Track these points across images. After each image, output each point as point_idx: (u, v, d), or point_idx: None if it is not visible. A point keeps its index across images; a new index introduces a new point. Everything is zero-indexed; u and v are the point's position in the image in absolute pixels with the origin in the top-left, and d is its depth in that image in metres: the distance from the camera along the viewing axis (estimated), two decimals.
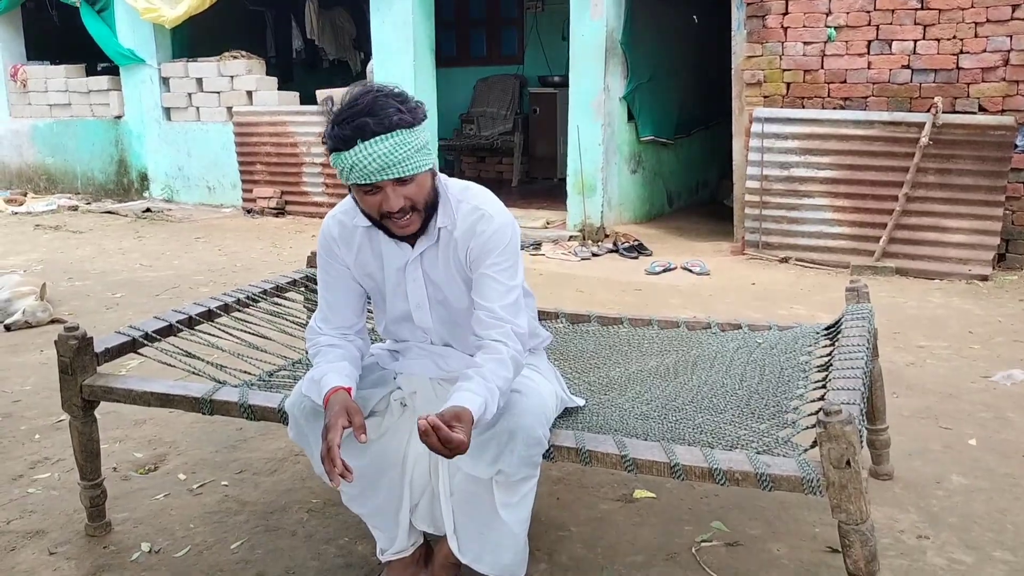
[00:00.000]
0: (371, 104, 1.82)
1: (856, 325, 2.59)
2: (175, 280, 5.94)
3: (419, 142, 1.86)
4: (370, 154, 1.81)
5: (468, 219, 2.02)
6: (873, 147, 5.94)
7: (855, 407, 1.98)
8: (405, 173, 1.84)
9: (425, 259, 2.07)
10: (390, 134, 1.81)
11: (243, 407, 2.32)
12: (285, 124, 8.68)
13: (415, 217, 1.94)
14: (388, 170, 1.82)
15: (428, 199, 1.94)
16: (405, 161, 1.83)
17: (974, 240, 5.75)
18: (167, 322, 2.77)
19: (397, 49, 7.89)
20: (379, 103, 1.82)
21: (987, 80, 5.72)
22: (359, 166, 1.82)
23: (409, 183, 1.88)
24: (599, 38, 6.90)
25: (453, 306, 2.11)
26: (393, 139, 1.81)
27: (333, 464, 1.83)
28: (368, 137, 1.80)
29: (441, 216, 2.01)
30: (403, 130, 1.82)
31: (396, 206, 1.88)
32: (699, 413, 2.25)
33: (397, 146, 1.81)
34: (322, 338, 2.14)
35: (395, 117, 1.81)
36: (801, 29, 6.16)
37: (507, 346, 1.96)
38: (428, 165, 1.90)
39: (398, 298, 2.12)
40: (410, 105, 1.86)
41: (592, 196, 7.09)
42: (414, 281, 2.08)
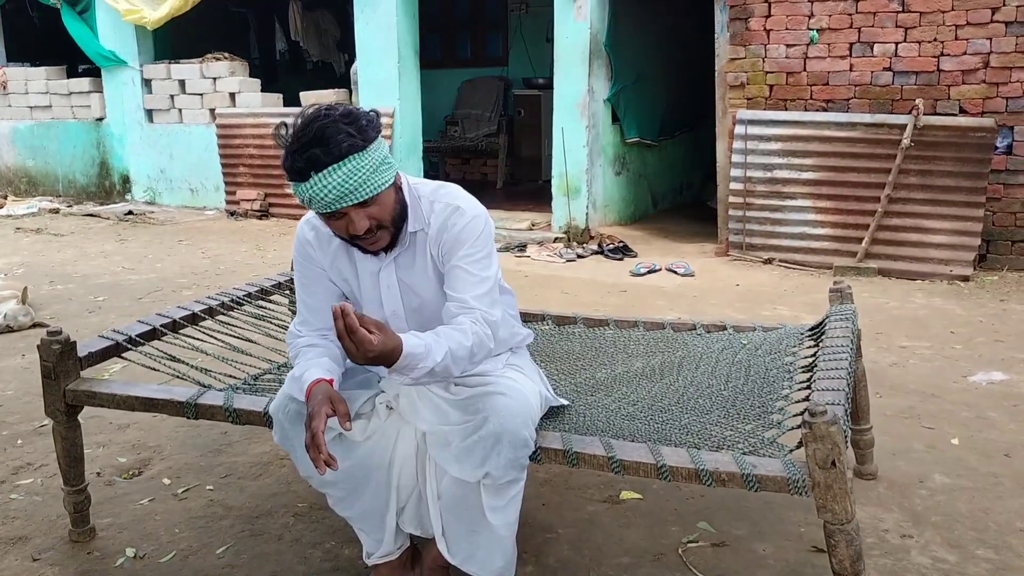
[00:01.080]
0: (320, 133, 1.78)
1: (840, 326, 2.61)
2: (158, 283, 5.91)
3: (374, 162, 1.83)
4: (325, 186, 1.78)
5: (441, 216, 2.01)
6: (855, 149, 5.99)
7: (839, 407, 1.99)
8: (364, 197, 1.82)
9: (399, 263, 2.06)
10: (342, 163, 1.78)
11: (228, 411, 2.30)
12: (269, 126, 8.61)
13: (383, 234, 1.93)
14: (346, 198, 1.81)
15: (394, 213, 1.93)
16: (362, 186, 1.81)
17: (955, 241, 5.80)
18: (151, 326, 2.75)
19: (381, 51, 7.88)
20: (328, 131, 1.78)
21: (967, 82, 5.78)
22: (317, 198, 1.80)
23: (372, 204, 1.86)
24: (583, 40, 6.92)
25: (429, 311, 2.09)
26: (346, 167, 1.78)
27: (319, 451, 1.82)
28: (320, 169, 1.77)
29: (412, 221, 2.00)
30: (355, 155, 1.79)
31: (362, 228, 1.87)
32: (685, 414, 2.26)
33: (351, 173, 1.79)
34: (301, 340, 2.13)
35: (345, 144, 1.78)
36: (784, 31, 6.20)
37: (474, 324, 1.94)
38: (388, 182, 1.87)
39: (373, 305, 2.10)
40: (360, 125, 1.82)
41: (577, 198, 7.11)
42: (388, 288, 2.07)
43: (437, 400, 2.04)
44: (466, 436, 1.93)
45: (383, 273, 2.05)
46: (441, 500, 2.05)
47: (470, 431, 1.93)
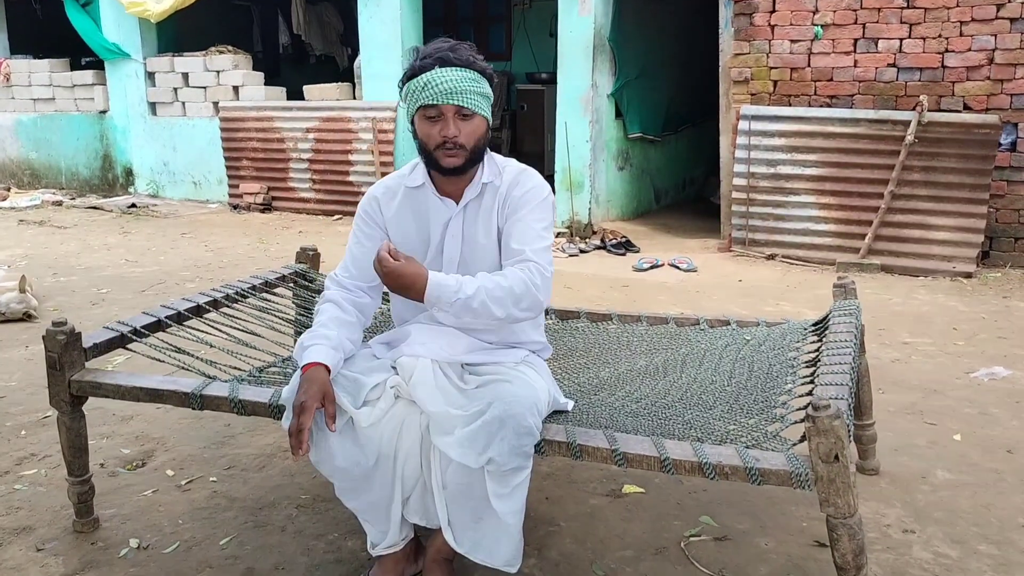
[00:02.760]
0: (454, 45, 2.07)
1: (843, 321, 2.61)
2: (161, 276, 5.91)
3: (484, 90, 2.07)
4: (444, 77, 2.01)
5: (511, 174, 2.20)
6: (859, 145, 5.98)
7: (843, 402, 1.99)
8: (467, 103, 2.03)
9: (467, 214, 2.19)
10: (464, 68, 2.03)
11: (233, 402, 2.31)
12: (272, 119, 8.65)
13: (461, 153, 2.08)
14: (454, 95, 2.01)
15: (478, 144, 2.10)
16: (470, 94, 2.03)
17: (958, 238, 5.80)
18: (155, 318, 2.75)
19: (385, 44, 7.88)
20: (460, 47, 2.07)
21: (972, 79, 5.77)
22: (431, 84, 2.01)
23: (468, 119, 2.06)
24: (587, 35, 6.91)
25: (483, 263, 2.17)
26: (465, 73, 2.03)
27: (300, 444, 1.93)
28: (446, 65, 2.02)
29: (487, 172, 2.18)
30: (475, 72, 2.05)
31: (449, 134, 2.04)
32: (689, 409, 2.26)
33: (466, 80, 2.02)
34: (330, 292, 2.27)
35: (471, 58, 2.06)
36: (788, 27, 6.19)
37: (521, 271, 2.04)
38: (487, 112, 2.09)
39: (435, 256, 2.21)
40: (483, 61, 2.09)
41: (580, 193, 7.10)
42: (452, 237, 2.19)
43: (447, 386, 2.05)
44: (470, 421, 1.95)
45: (453, 222, 2.19)
46: (446, 490, 2.05)
47: (474, 416, 1.95)
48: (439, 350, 2.15)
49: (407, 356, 2.14)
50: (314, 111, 8.46)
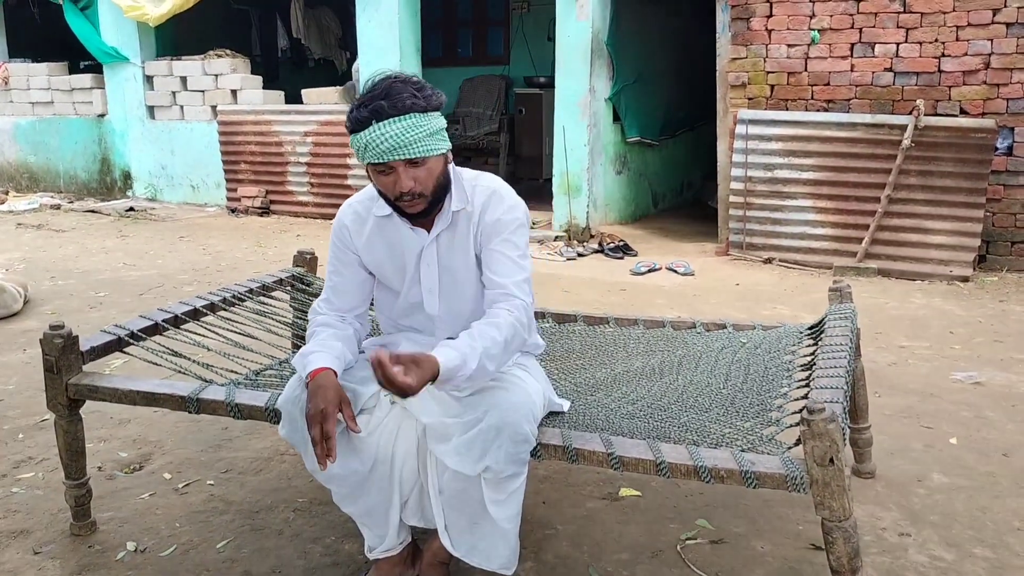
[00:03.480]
0: (387, 89, 1.93)
1: (839, 325, 2.62)
2: (159, 279, 5.92)
3: (432, 127, 1.94)
4: (383, 134, 1.90)
5: (482, 198, 2.10)
6: (856, 149, 6.00)
7: (838, 405, 2.00)
8: (415, 155, 1.92)
9: (441, 243, 2.13)
10: (402, 116, 1.90)
11: (230, 406, 2.31)
12: (270, 123, 8.65)
13: (420, 200, 2.00)
14: (399, 150, 1.91)
15: (437, 183, 2.01)
16: (416, 143, 1.92)
17: (955, 242, 5.81)
18: (153, 321, 2.76)
19: (383, 49, 7.89)
20: (395, 88, 1.93)
21: (968, 83, 5.79)
22: (372, 145, 1.92)
23: (420, 165, 1.96)
24: (585, 39, 6.92)
25: (463, 290, 2.15)
26: (405, 121, 1.90)
27: (328, 452, 1.90)
28: (382, 118, 1.90)
29: (456, 200, 2.09)
30: (416, 114, 1.92)
31: (406, 187, 1.96)
32: (685, 412, 2.27)
33: (408, 128, 1.91)
34: (320, 317, 2.21)
35: (408, 101, 1.91)
36: (785, 32, 6.21)
37: (510, 313, 2.01)
38: (440, 150, 1.97)
39: (412, 285, 2.17)
40: (426, 92, 1.96)
41: (578, 197, 7.11)
42: (428, 267, 2.14)
43: (441, 395, 2.05)
44: (467, 429, 1.95)
45: (426, 252, 2.13)
46: (443, 495, 2.06)
47: (471, 424, 1.95)
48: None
49: None
50: (312, 115, 8.47)
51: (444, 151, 1.99)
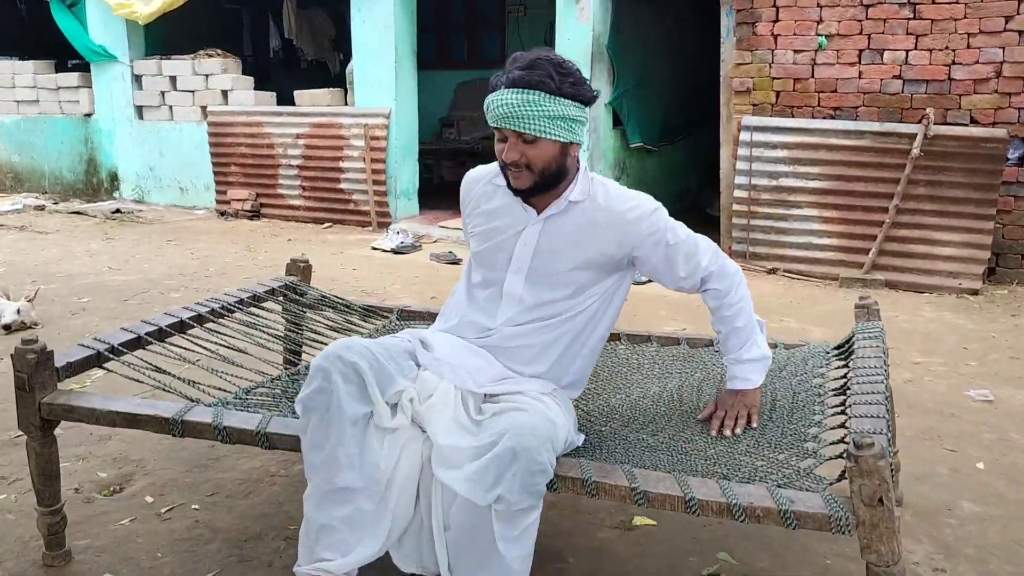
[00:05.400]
0: (531, 62, 1.95)
1: (870, 345, 2.46)
2: (145, 285, 5.72)
3: (555, 111, 1.94)
4: (503, 100, 1.93)
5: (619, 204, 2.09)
6: (863, 158, 5.86)
7: (883, 437, 1.84)
8: (524, 129, 1.93)
9: (547, 227, 2.10)
10: (526, 90, 1.92)
11: (218, 429, 2.14)
12: (261, 125, 8.46)
13: (527, 176, 2.01)
14: (510, 120, 1.93)
15: (547, 167, 2.00)
16: (529, 118, 1.92)
17: (964, 253, 5.67)
18: (135, 334, 2.58)
19: (378, 50, 7.72)
20: (538, 64, 1.95)
21: (979, 92, 5.65)
22: (491, 107, 1.96)
23: (531, 143, 1.96)
24: (585, 42, 6.77)
25: (549, 283, 2.10)
26: (527, 95, 1.92)
27: None
28: (509, 86, 1.94)
29: (577, 191, 2.08)
30: (542, 93, 1.92)
31: (510, 158, 1.98)
32: (711, 444, 2.10)
33: (527, 102, 1.92)
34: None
35: (540, 78, 1.92)
36: (792, 37, 6.06)
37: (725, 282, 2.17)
38: (557, 136, 1.96)
39: (501, 258, 2.14)
40: (568, 79, 1.96)
41: None
42: (524, 246, 2.11)
43: (464, 419, 1.93)
44: (480, 454, 1.80)
45: (528, 230, 2.11)
46: (448, 531, 1.88)
47: (485, 449, 1.81)
48: (466, 377, 2.04)
49: (432, 373, 2.04)
50: (305, 117, 8.28)
51: (562, 139, 1.98)
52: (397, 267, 6.44)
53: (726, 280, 2.16)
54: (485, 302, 2.18)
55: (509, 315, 2.13)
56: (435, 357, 2.08)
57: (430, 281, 5.97)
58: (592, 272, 2.11)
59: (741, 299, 2.18)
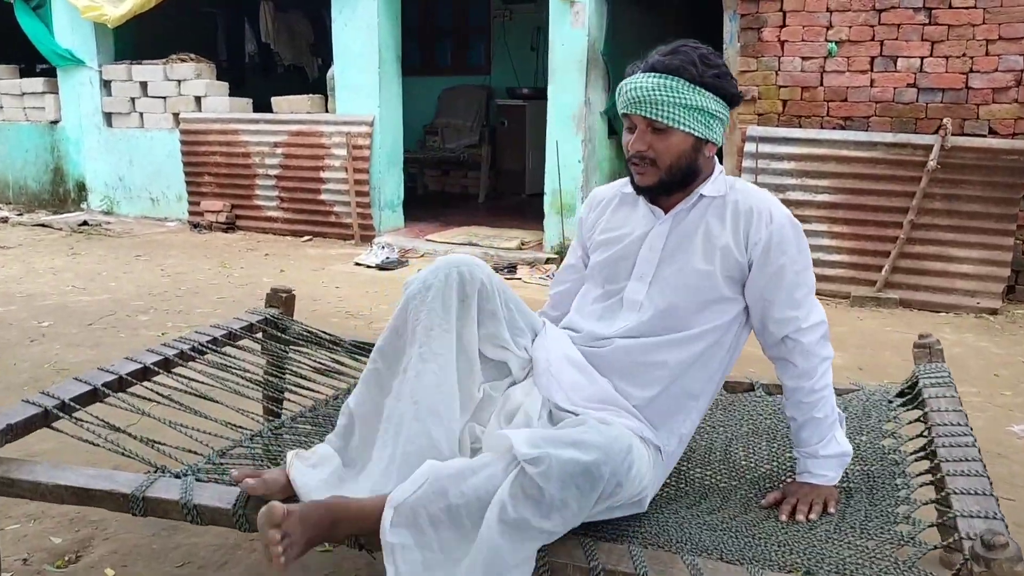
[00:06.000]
0: (675, 48, 1.82)
1: (944, 395, 2.16)
2: (111, 306, 5.31)
3: (693, 102, 1.79)
4: (637, 84, 1.81)
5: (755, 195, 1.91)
6: (876, 170, 5.56)
7: (999, 523, 1.52)
8: (655, 116, 1.79)
9: (676, 226, 1.91)
10: (664, 76, 1.79)
11: (187, 508, 1.78)
12: (237, 132, 8.07)
13: (652, 172, 1.85)
14: (641, 104, 1.80)
15: (675, 163, 1.84)
16: (661, 105, 1.78)
17: (982, 271, 5.39)
18: (90, 385, 2.20)
19: (361, 55, 7.35)
20: (682, 52, 1.81)
21: (998, 101, 5.38)
22: (624, 90, 1.83)
23: (661, 133, 1.81)
24: (580, 48, 6.45)
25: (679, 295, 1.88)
26: (663, 80, 1.79)
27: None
28: (647, 70, 1.81)
29: (711, 187, 1.90)
30: (679, 79, 1.79)
31: (635, 148, 1.84)
32: (781, 527, 1.76)
33: (662, 88, 1.78)
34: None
35: (679, 64, 1.79)
36: (799, 43, 5.76)
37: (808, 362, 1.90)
38: (690, 128, 1.81)
39: (623, 269, 1.96)
40: (712, 71, 1.80)
41: (571, 216, 6.61)
42: (650, 250, 1.92)
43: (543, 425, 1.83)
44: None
45: (654, 231, 1.93)
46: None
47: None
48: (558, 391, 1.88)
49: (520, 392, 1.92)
50: (283, 124, 7.90)
51: (696, 132, 1.81)
52: (383, 285, 6.07)
53: (811, 359, 1.89)
54: (603, 311, 1.98)
55: (628, 325, 1.91)
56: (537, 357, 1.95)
57: None
58: (719, 281, 1.87)
59: (825, 387, 1.90)
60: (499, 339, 1.93)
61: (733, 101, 1.86)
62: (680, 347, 1.87)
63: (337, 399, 2.53)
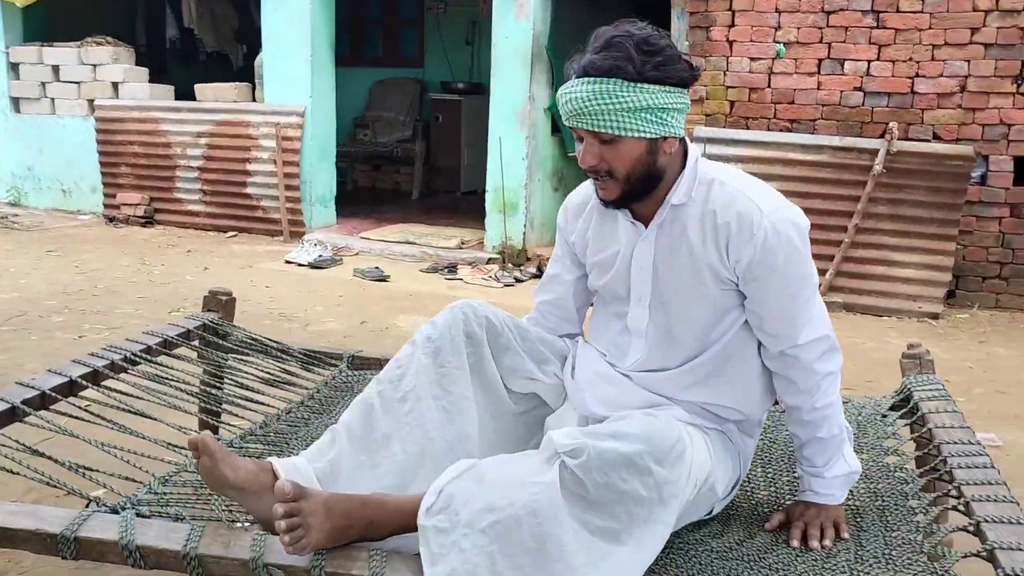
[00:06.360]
0: (608, 41, 1.59)
1: (945, 409, 2.08)
2: (21, 305, 4.90)
3: (637, 102, 1.57)
4: (571, 95, 1.60)
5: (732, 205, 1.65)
6: (822, 174, 5.55)
7: None
8: (596, 128, 1.59)
9: (660, 241, 1.73)
10: (597, 79, 1.57)
11: (128, 549, 1.53)
12: (157, 121, 7.64)
13: (612, 184, 1.65)
14: (579, 117, 1.60)
15: (632, 171, 1.63)
16: (602, 115, 1.57)
17: (925, 276, 5.43)
18: (7, 403, 1.91)
19: (292, 43, 7.03)
20: (615, 43, 1.58)
21: (943, 106, 5.42)
22: (560, 103, 1.64)
23: (610, 144, 1.61)
24: (525, 41, 6.27)
25: (682, 314, 1.74)
26: (599, 86, 1.57)
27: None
28: (580, 74, 1.60)
29: (681, 191, 1.69)
30: (617, 80, 1.56)
31: (586, 163, 1.65)
32: (795, 556, 1.61)
33: (599, 95, 1.57)
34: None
35: (613, 64, 1.56)
36: (748, 44, 5.71)
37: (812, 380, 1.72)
38: (640, 132, 1.59)
39: (618, 288, 1.81)
40: (655, 59, 1.57)
41: (514, 215, 6.44)
42: (640, 270, 1.75)
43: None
44: None
45: (638, 249, 1.75)
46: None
47: None
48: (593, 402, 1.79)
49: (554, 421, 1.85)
50: (207, 113, 7.50)
51: (648, 134, 1.59)
52: (317, 284, 5.79)
53: (811, 376, 1.71)
54: (617, 336, 1.84)
55: (638, 357, 1.79)
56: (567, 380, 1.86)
57: (357, 302, 5.35)
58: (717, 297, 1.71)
59: (828, 405, 1.73)
60: (522, 371, 1.83)
61: (687, 84, 1.64)
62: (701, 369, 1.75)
63: (291, 413, 2.29)
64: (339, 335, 4.57)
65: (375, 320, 4.90)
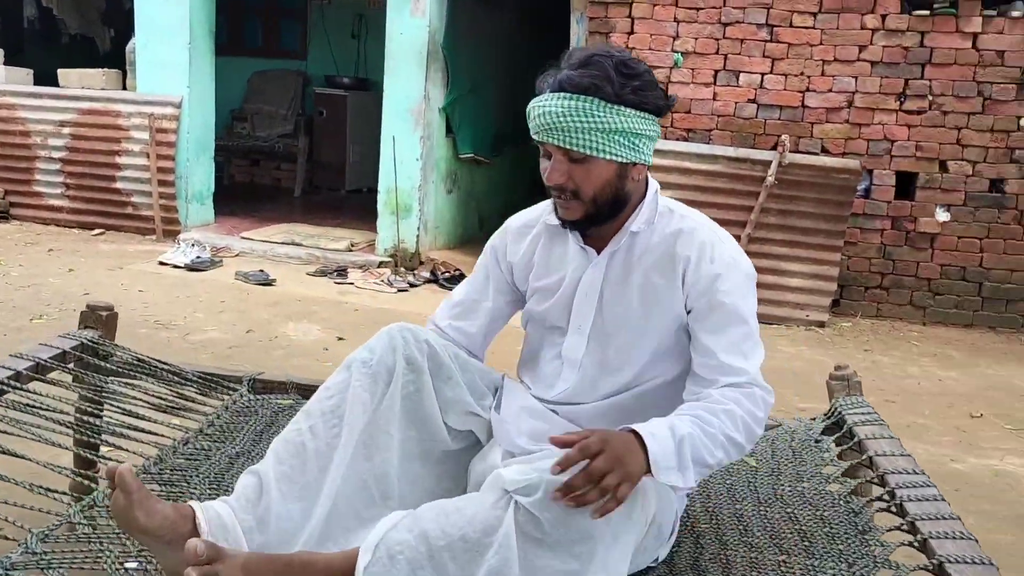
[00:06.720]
0: (586, 60, 1.57)
1: (882, 435, 2.07)
2: None
3: (613, 124, 1.54)
4: (544, 108, 1.57)
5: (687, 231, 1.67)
6: (716, 183, 5.61)
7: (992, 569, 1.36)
8: (568, 145, 1.55)
9: (611, 269, 1.69)
10: (573, 96, 1.54)
11: None
12: (13, 107, 7.03)
13: (576, 205, 1.61)
14: (552, 132, 1.56)
15: (600, 193, 1.60)
16: (575, 132, 1.54)
17: (812, 285, 5.57)
18: None
19: (169, 28, 6.58)
20: (595, 63, 1.56)
21: (831, 121, 5.57)
22: (532, 116, 1.60)
23: (580, 163, 1.57)
24: (421, 38, 6.08)
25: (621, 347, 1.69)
26: (576, 103, 1.54)
27: None
28: (556, 89, 1.57)
29: (640, 219, 1.67)
30: (594, 100, 1.53)
31: (552, 180, 1.61)
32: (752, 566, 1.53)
33: (575, 112, 1.54)
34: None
35: (592, 82, 1.54)
36: (647, 52, 5.69)
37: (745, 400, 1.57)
38: (613, 155, 1.56)
39: (558, 315, 1.75)
40: (633, 83, 1.54)
41: (408, 217, 6.24)
42: (585, 296, 1.71)
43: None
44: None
45: (587, 275, 1.71)
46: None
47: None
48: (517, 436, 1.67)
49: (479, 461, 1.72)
50: (71, 100, 6.95)
51: (620, 158, 1.56)
52: (196, 288, 5.42)
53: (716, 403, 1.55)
54: (547, 364, 1.78)
55: (565, 388, 1.73)
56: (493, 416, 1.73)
57: (240, 307, 5.03)
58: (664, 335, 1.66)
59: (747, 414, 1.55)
60: (462, 403, 1.70)
61: (661, 113, 1.64)
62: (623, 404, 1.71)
63: (188, 444, 2.04)
64: (223, 345, 4.26)
65: (262, 328, 4.60)
